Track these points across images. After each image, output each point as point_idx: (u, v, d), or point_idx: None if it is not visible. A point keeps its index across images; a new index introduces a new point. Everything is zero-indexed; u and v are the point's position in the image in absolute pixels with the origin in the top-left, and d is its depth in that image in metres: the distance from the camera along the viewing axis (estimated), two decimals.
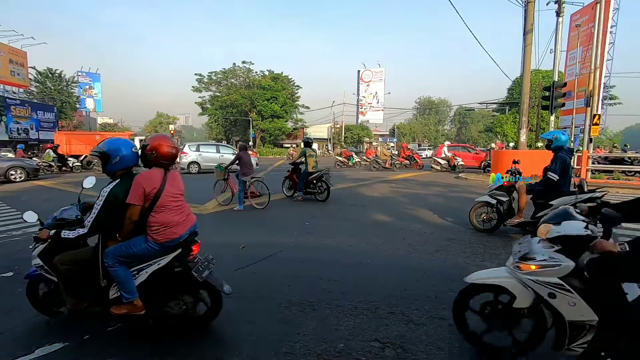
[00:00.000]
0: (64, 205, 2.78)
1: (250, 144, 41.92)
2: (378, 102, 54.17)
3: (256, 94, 45.56)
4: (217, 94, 50.29)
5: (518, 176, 5.54)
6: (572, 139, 16.26)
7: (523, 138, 14.34)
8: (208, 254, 2.65)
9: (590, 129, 12.93)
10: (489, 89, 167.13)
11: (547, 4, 14.63)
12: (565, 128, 20.91)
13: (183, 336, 2.55)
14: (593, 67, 13.16)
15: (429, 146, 52.77)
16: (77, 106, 42.95)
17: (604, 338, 1.84)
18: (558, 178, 4.68)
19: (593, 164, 13.08)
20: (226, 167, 8.26)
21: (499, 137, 32.86)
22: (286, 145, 48.25)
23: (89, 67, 49.15)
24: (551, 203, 4.64)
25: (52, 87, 39.17)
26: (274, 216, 7.07)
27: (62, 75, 40.14)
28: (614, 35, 23.28)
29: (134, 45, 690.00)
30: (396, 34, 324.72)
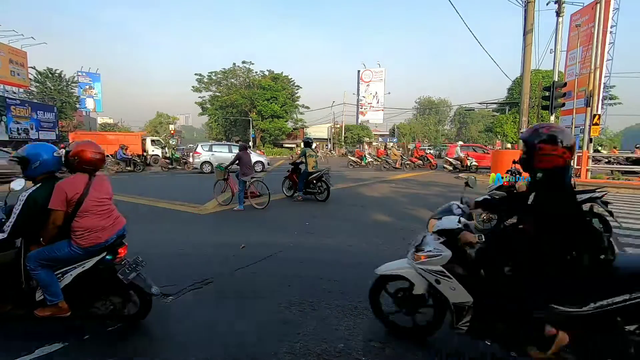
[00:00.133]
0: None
1: (250, 144, 41.88)
2: (378, 102, 54.13)
3: (256, 94, 45.56)
4: (217, 94, 50.25)
5: (518, 176, 5.52)
6: None
7: None
8: (138, 256, 2.65)
9: (590, 129, 12.95)
10: (489, 89, 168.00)
11: (547, 4, 14.59)
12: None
13: (183, 336, 2.55)
14: (593, 67, 13.17)
15: (429, 146, 52.70)
16: (77, 106, 42.88)
17: (482, 319, 2.09)
18: None
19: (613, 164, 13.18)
20: (226, 167, 8.26)
21: (499, 137, 32.87)
22: (286, 145, 48.23)
23: (89, 67, 49.22)
24: None
25: (52, 87, 39.08)
26: (274, 216, 7.07)
27: (62, 75, 40.05)
28: (614, 35, 23.25)
29: (134, 45, 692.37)
30: (396, 33, 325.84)
